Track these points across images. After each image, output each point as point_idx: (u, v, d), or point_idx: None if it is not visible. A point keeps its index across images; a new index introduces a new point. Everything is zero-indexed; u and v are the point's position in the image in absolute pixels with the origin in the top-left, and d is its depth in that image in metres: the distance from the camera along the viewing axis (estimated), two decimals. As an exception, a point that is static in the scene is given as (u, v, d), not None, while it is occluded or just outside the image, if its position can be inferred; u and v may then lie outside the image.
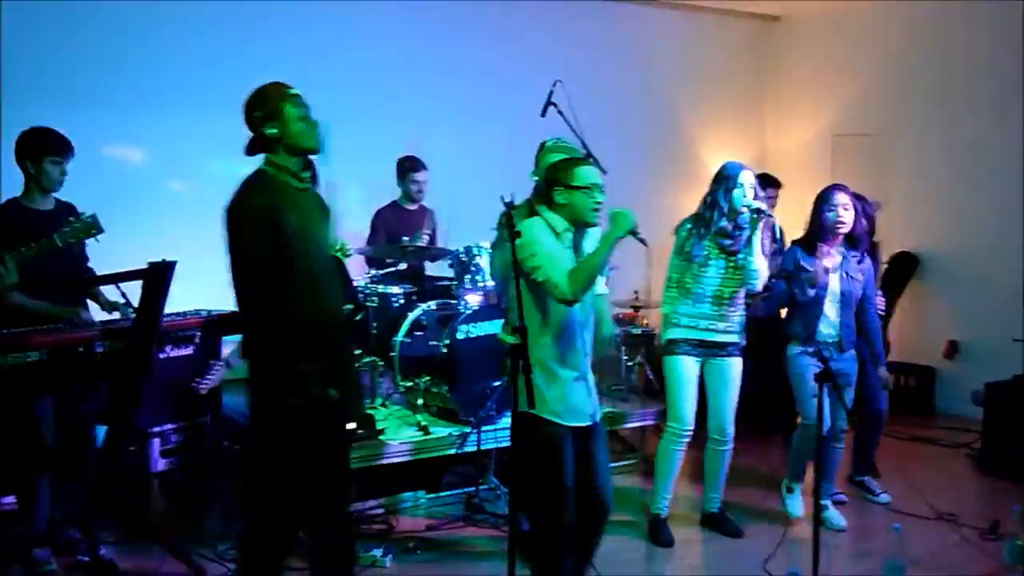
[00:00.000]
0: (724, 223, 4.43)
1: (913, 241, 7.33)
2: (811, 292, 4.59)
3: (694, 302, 4.47)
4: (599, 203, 3.44)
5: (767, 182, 6.44)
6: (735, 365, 4.58)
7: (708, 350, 4.52)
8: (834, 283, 4.63)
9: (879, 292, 5.06)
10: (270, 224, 2.97)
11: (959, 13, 7.09)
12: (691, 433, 4.56)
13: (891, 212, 5.24)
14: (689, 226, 4.50)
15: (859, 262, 4.68)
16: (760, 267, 4.39)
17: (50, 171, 4.04)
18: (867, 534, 4.68)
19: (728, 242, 4.44)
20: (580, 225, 3.51)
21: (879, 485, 5.24)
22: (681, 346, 4.49)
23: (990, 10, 6.89)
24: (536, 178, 4.34)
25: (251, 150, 3.13)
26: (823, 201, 4.64)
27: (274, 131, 3.07)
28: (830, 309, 4.63)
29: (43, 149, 4.03)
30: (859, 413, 5.08)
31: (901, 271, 7.35)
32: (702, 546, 4.62)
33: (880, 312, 5.01)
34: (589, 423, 3.51)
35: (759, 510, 5.00)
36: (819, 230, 4.65)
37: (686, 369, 4.50)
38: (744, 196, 4.39)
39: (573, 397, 3.46)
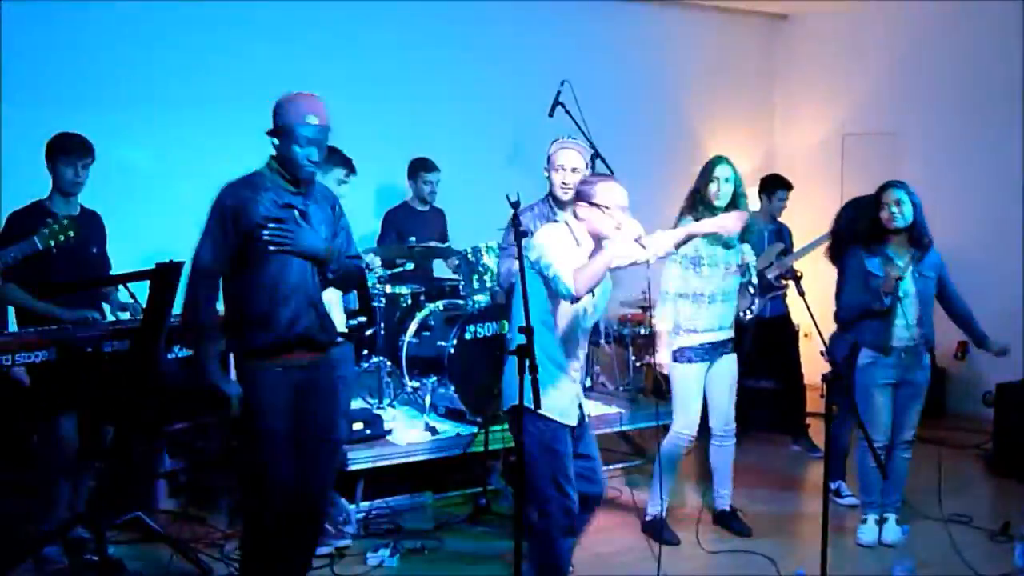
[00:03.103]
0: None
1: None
2: (887, 300, 4.37)
3: (708, 303, 4.46)
4: (619, 224, 3.41)
5: (776, 184, 6.39)
6: (734, 361, 4.62)
7: (714, 351, 4.53)
8: (907, 284, 4.41)
9: None
10: (232, 221, 3.26)
11: (968, 11, 7.05)
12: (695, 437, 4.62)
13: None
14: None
15: (922, 258, 4.44)
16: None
17: (63, 172, 4.09)
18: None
19: (724, 235, 4.41)
20: (598, 239, 3.49)
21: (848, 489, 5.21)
22: (695, 352, 4.50)
23: (1000, 8, 6.85)
24: (548, 176, 4.35)
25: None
26: (877, 200, 4.46)
27: (275, 143, 3.34)
28: (908, 311, 4.40)
29: (57, 150, 4.10)
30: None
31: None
32: (710, 547, 4.59)
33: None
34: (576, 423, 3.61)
35: (768, 510, 4.98)
36: (878, 231, 4.46)
37: (698, 375, 4.52)
38: (719, 189, 4.43)
39: (566, 397, 3.53)
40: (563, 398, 3.50)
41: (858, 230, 4.60)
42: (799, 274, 4.03)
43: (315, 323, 3.43)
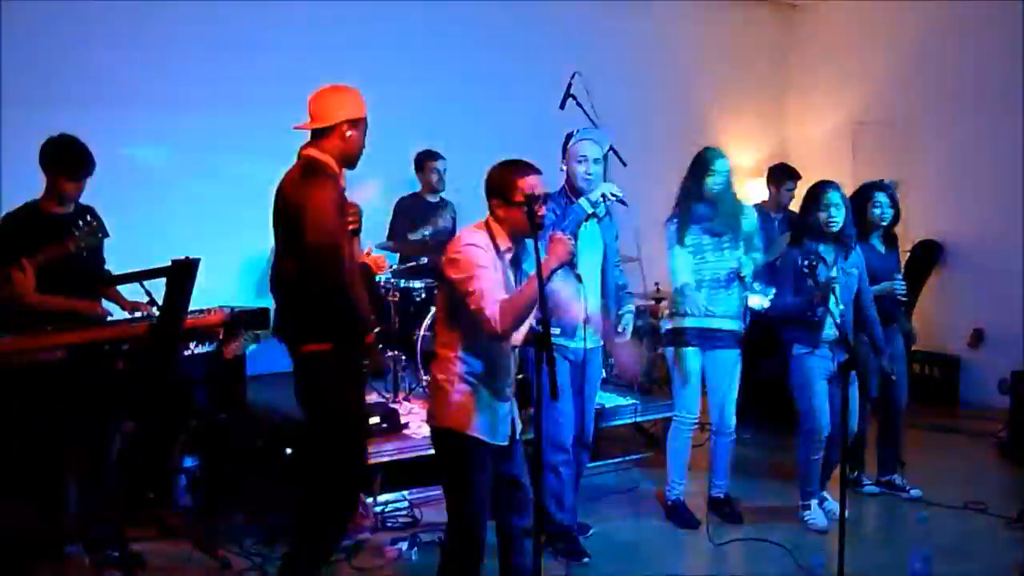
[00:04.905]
0: (703, 209, 4.47)
1: (936, 229, 7.28)
2: (820, 311, 4.36)
3: (703, 288, 4.48)
4: (542, 217, 3.20)
5: (784, 175, 6.38)
6: (734, 356, 4.60)
7: (708, 340, 4.55)
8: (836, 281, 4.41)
9: (898, 276, 4.88)
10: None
11: (979, 2, 7.01)
12: (698, 420, 4.66)
13: (914, 200, 5.18)
14: (677, 220, 4.51)
15: (846, 257, 4.46)
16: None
17: (63, 188, 4.01)
18: (894, 523, 4.65)
19: (711, 224, 4.46)
20: (521, 239, 3.28)
21: (907, 481, 5.13)
22: (685, 336, 4.53)
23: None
24: (563, 169, 4.37)
25: (305, 127, 3.38)
26: (814, 199, 4.45)
27: (351, 134, 3.40)
28: (835, 308, 4.39)
29: (59, 168, 3.99)
30: (880, 409, 5.00)
31: (925, 259, 7.28)
32: (725, 537, 4.59)
33: (901, 298, 4.90)
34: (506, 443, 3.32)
35: (783, 501, 4.98)
36: (809, 230, 4.47)
37: (692, 359, 4.55)
38: (716, 182, 4.43)
39: (495, 416, 3.25)
40: (492, 417, 3.24)
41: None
42: (813, 263, 4.01)
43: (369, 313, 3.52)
